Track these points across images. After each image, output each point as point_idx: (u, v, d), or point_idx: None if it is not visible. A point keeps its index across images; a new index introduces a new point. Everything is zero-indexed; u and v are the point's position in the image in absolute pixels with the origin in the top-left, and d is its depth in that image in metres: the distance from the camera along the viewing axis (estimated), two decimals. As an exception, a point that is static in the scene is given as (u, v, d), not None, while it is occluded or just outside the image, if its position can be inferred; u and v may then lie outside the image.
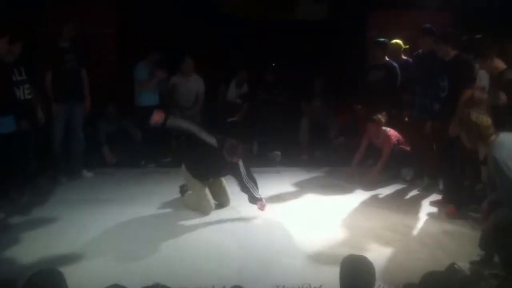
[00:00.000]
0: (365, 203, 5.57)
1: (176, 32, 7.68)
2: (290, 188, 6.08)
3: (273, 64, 7.80)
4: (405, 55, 6.55)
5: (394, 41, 6.55)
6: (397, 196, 5.84)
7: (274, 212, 5.26)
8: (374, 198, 5.75)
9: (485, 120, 3.71)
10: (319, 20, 8.29)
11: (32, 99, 5.61)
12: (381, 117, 6.09)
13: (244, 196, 5.21)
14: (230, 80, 7.89)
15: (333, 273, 3.59)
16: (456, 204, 5.08)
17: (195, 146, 5.22)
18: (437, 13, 7.01)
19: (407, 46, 6.55)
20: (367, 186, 6.00)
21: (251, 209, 5.21)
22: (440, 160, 5.47)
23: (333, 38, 7.89)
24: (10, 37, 5.30)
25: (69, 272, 2.76)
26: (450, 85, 5.15)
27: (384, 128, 6.18)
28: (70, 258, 4.15)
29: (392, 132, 6.19)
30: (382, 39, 6.47)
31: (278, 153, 7.30)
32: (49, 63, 6.02)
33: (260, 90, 7.77)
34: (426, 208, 5.40)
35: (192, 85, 7.22)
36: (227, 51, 7.88)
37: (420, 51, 5.92)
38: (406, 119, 6.25)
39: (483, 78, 4.66)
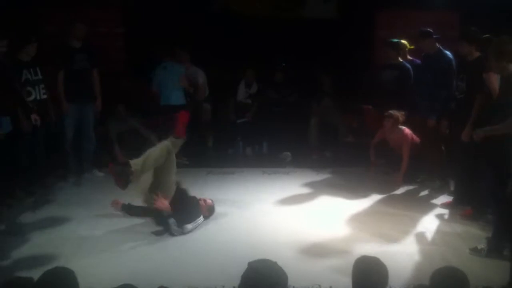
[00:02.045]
0: (375, 204, 5.54)
1: (184, 31, 7.70)
2: (300, 189, 6.06)
3: (283, 64, 7.78)
4: (410, 55, 6.51)
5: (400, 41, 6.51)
6: (408, 197, 5.80)
7: (283, 213, 5.27)
8: (385, 199, 5.72)
9: None
10: (328, 19, 8.27)
11: (47, 99, 5.68)
12: (398, 114, 5.99)
13: (252, 196, 5.19)
14: (239, 80, 7.89)
15: (343, 274, 3.63)
16: (472, 206, 5.04)
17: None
18: (446, 12, 6.97)
19: (413, 46, 6.52)
20: (390, 190, 5.91)
21: (260, 209, 5.20)
22: (453, 162, 5.42)
23: (342, 37, 7.87)
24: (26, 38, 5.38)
25: (81, 271, 2.75)
26: (469, 87, 5.04)
27: (400, 126, 6.05)
28: (81, 258, 4.18)
29: (408, 130, 6.05)
30: (395, 40, 6.43)
31: (288, 153, 7.29)
32: (61, 63, 6.05)
33: (270, 90, 7.76)
34: (437, 209, 5.37)
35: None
36: (236, 50, 7.88)
37: (426, 53, 5.83)
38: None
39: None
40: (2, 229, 4.80)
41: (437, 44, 5.67)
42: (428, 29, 5.72)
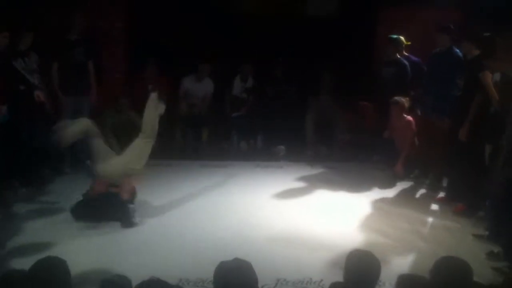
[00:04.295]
0: (369, 199, 5.56)
1: (183, 26, 7.68)
2: (293, 183, 6.06)
3: (280, 59, 7.77)
4: (406, 52, 6.50)
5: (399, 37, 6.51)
6: (401, 193, 5.82)
7: (276, 207, 5.28)
8: (378, 194, 5.74)
9: None
10: (329, 15, 8.25)
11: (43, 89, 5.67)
12: (404, 100, 5.93)
13: (245, 190, 5.18)
14: (235, 74, 7.88)
15: (335, 267, 3.65)
16: (465, 202, 5.07)
17: None
18: (448, 10, 6.95)
19: (409, 42, 6.51)
20: (384, 186, 5.91)
21: (253, 203, 5.22)
22: (448, 159, 5.44)
23: (342, 33, 7.86)
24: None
25: (73, 262, 2.75)
26: (466, 85, 5.07)
27: (405, 115, 6.00)
28: (75, 248, 4.19)
29: (412, 119, 5.99)
30: (394, 36, 6.43)
31: (282, 147, 7.29)
32: (57, 55, 6.04)
33: (267, 84, 7.75)
34: (430, 205, 5.40)
35: (203, 87, 7.42)
36: (233, 46, 7.86)
37: (438, 49, 5.79)
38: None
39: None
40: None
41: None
42: (448, 24, 5.71)
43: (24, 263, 3.02)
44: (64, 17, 6.28)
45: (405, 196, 5.72)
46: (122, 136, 6.86)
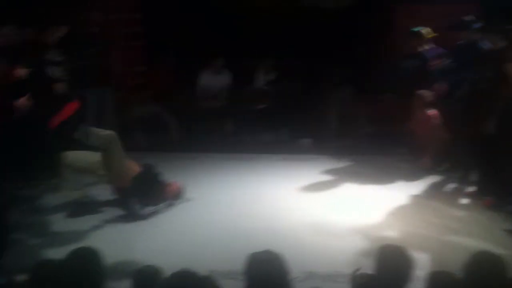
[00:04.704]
0: (397, 193, 5.47)
1: (202, 19, 7.68)
2: (320, 176, 6.01)
3: (301, 52, 7.72)
4: (433, 43, 6.39)
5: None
6: (430, 186, 5.71)
7: (303, 199, 5.27)
8: (405, 187, 5.65)
9: None
10: (349, 7, 8.16)
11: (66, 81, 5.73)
12: (427, 94, 5.87)
13: (271, 182, 5.20)
14: (258, 67, 7.87)
15: (364, 261, 3.61)
16: (495, 196, 4.98)
17: None
18: (466, 5, 6.82)
19: (435, 34, 6.40)
20: (411, 179, 5.82)
21: (279, 195, 5.24)
22: (477, 152, 5.36)
23: (363, 25, 7.77)
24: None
25: (104, 252, 2.78)
26: (492, 77, 4.98)
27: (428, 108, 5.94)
28: (106, 238, 4.27)
29: (435, 112, 5.93)
30: (416, 28, 6.33)
31: (308, 140, 7.25)
32: (75, 48, 6.08)
33: (289, 77, 7.72)
34: (460, 199, 5.32)
35: (221, 79, 7.49)
36: (256, 38, 7.84)
37: (461, 42, 5.73)
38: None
39: None
40: (24, 208, 4.88)
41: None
42: (468, 18, 5.63)
43: (56, 254, 3.07)
44: (83, 12, 6.35)
45: (434, 190, 5.63)
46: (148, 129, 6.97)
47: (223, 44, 7.59)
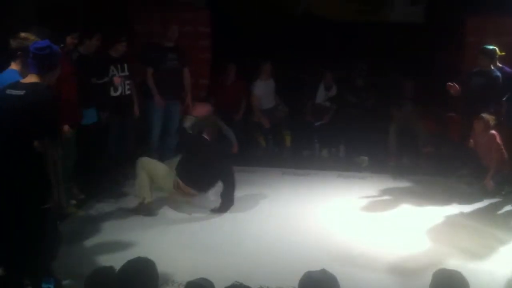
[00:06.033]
0: (455, 215, 5.34)
1: (265, 32, 7.77)
2: (376, 195, 5.94)
3: (364, 68, 7.67)
4: (500, 62, 6.20)
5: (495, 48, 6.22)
6: (491, 211, 5.53)
7: (358, 218, 5.24)
8: (466, 210, 5.48)
9: None
10: (414, 23, 8.04)
11: (131, 94, 5.99)
12: (489, 118, 5.75)
13: (327, 200, 5.21)
14: (318, 82, 7.86)
15: (415, 285, 3.56)
16: None
17: None
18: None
19: (503, 53, 6.21)
20: (471, 202, 5.68)
21: (335, 214, 5.24)
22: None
23: (428, 41, 7.63)
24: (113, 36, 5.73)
25: (157, 261, 2.88)
26: None
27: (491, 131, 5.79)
28: (158, 247, 4.39)
29: (497, 134, 5.76)
30: (490, 46, 6.17)
31: (365, 158, 7.17)
32: (152, 61, 6.31)
33: (349, 93, 7.68)
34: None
35: (268, 88, 7.46)
36: (316, 53, 7.86)
37: None
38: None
39: None
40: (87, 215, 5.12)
41: None
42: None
43: (111, 261, 3.20)
44: (158, 26, 6.58)
45: (495, 214, 5.44)
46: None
47: (286, 60, 7.63)
